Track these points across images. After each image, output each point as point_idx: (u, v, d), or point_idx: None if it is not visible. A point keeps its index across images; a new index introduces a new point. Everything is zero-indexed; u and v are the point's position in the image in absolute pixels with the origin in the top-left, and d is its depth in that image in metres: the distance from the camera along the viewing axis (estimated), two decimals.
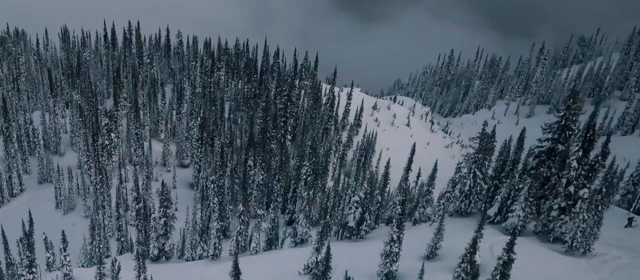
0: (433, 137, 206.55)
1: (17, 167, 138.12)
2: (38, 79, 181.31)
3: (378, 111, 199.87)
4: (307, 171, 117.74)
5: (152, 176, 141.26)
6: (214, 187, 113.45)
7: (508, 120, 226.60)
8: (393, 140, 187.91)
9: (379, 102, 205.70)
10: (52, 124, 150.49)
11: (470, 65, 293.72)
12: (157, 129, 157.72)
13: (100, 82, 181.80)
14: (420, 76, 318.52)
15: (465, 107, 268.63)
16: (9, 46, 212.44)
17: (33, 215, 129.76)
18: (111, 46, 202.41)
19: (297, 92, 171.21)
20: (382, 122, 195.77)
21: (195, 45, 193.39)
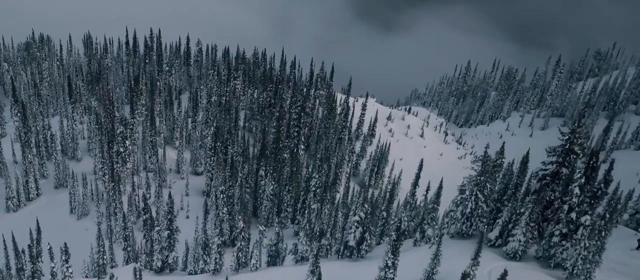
0: (446, 148, 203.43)
1: (33, 172, 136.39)
2: (59, 84, 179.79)
3: (392, 122, 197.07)
4: (317, 183, 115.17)
5: (166, 183, 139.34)
6: (224, 197, 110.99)
7: (522, 132, 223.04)
8: (406, 150, 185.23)
9: (393, 113, 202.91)
10: (69, 130, 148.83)
11: (487, 77, 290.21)
12: (172, 136, 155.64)
13: (120, 88, 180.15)
14: (437, 86, 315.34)
15: (480, 118, 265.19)
16: (34, 51, 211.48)
17: (48, 219, 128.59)
18: (132, 53, 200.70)
19: (312, 102, 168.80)
20: (396, 132, 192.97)
21: (214, 54, 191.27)
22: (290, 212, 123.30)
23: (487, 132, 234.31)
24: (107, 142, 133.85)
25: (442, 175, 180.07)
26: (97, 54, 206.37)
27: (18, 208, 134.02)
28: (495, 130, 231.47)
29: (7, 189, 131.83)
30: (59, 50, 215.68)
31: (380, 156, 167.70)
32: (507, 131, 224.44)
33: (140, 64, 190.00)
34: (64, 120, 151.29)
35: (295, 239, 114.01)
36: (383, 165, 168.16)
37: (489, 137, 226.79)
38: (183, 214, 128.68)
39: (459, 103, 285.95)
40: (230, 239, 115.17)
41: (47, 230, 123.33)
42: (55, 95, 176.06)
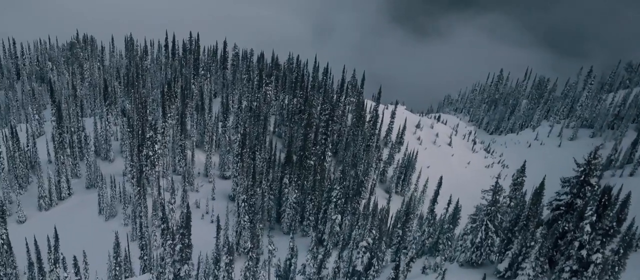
0: (474, 156, 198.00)
1: (66, 172, 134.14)
2: (99, 85, 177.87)
3: (421, 130, 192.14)
4: (338, 194, 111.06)
5: (193, 187, 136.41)
6: (245, 205, 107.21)
7: (551, 142, 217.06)
8: (434, 158, 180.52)
9: (422, 121, 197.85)
10: (103, 132, 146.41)
11: (519, 85, 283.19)
12: (203, 140, 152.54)
13: (157, 91, 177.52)
14: (469, 93, 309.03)
15: (510, 126, 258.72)
16: (77, 51, 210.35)
17: (77, 219, 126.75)
18: (171, 56, 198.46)
19: (342, 109, 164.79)
20: (425, 140, 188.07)
21: (249, 59, 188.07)
22: (312, 220, 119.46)
23: (516, 141, 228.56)
24: (136, 146, 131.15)
25: (468, 184, 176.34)
26: (137, 56, 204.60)
27: (50, 207, 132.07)
28: (524, 139, 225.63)
29: (39, 188, 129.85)
30: (101, 52, 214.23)
31: (408, 164, 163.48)
32: (536, 140, 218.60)
33: (177, 67, 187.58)
34: (98, 121, 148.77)
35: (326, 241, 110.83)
36: (410, 172, 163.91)
37: (517, 146, 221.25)
38: (208, 218, 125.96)
39: (490, 110, 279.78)
40: (252, 245, 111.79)
41: (76, 230, 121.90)
42: (93, 97, 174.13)
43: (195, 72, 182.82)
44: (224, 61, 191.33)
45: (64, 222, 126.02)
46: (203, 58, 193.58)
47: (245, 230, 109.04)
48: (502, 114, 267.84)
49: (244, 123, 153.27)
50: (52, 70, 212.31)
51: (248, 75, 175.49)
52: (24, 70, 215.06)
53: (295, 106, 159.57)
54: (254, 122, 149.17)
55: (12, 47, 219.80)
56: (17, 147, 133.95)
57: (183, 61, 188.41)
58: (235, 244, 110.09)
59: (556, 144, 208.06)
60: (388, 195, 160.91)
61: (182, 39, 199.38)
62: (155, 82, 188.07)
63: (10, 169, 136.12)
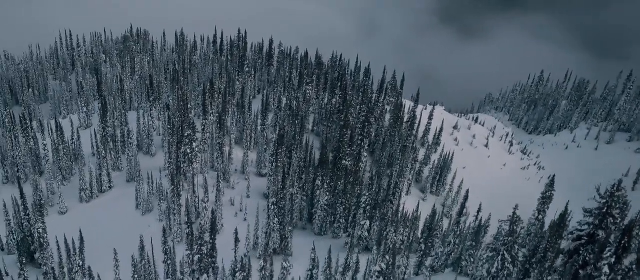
0: (510, 158, 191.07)
1: (107, 165, 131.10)
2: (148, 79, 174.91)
3: (458, 131, 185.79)
4: (367, 200, 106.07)
5: (230, 184, 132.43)
6: (275, 208, 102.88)
7: (588, 145, 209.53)
8: (470, 159, 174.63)
9: (460, 122, 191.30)
10: (145, 127, 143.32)
11: (559, 86, 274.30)
12: (242, 137, 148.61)
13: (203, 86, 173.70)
14: (510, 93, 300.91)
15: (549, 127, 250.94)
16: (130, 45, 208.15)
17: (115, 212, 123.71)
18: (219, 52, 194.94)
19: (381, 109, 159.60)
20: (461, 141, 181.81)
21: (293, 57, 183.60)
22: (343, 222, 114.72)
23: (553, 143, 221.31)
24: (175, 143, 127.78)
25: (504, 186, 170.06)
26: (187, 51, 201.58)
27: (91, 199, 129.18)
28: (561, 141, 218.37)
29: (81, 181, 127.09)
30: (152, 47, 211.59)
31: (443, 164, 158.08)
32: (573, 143, 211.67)
33: (223, 63, 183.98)
34: (142, 115, 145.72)
35: (345, 250, 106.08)
36: (446, 173, 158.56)
37: (554, 148, 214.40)
38: (241, 215, 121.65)
39: (529, 110, 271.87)
40: (281, 247, 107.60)
41: (113, 223, 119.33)
42: (140, 91, 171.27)
43: (240, 68, 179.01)
44: (269, 58, 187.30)
45: (102, 215, 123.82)
46: (250, 54, 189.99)
47: (274, 232, 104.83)
48: (541, 115, 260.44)
49: (283, 122, 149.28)
50: (105, 63, 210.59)
51: (291, 74, 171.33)
52: (79, 61, 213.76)
53: (334, 106, 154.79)
54: (292, 121, 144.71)
55: (68, 38, 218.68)
56: (62, 140, 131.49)
57: (229, 57, 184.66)
58: (265, 245, 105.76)
59: (593, 147, 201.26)
60: (423, 195, 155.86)
61: (229, 36, 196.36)
62: (202, 78, 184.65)
63: (55, 161, 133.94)
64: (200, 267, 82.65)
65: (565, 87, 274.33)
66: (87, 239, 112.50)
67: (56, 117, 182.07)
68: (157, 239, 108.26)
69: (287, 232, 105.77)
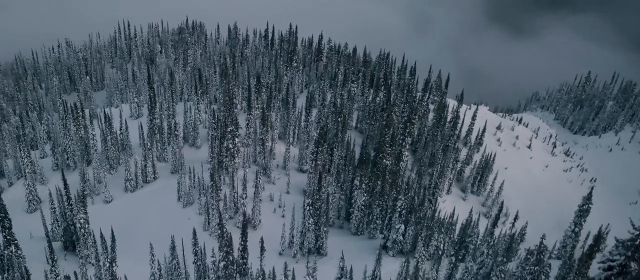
0: (553, 160, 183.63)
1: (152, 156, 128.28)
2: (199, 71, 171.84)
3: (501, 131, 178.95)
4: (402, 204, 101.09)
5: (270, 179, 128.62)
6: (310, 209, 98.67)
7: (632, 148, 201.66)
8: (512, 160, 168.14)
9: (503, 123, 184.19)
10: (192, 119, 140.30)
11: (606, 87, 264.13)
12: (286, 132, 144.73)
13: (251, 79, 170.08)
14: (556, 92, 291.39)
15: (594, 128, 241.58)
16: (185, 36, 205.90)
17: (157, 203, 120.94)
18: (270, 46, 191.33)
19: (425, 108, 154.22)
20: (504, 142, 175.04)
21: (342, 52, 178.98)
22: (379, 223, 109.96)
23: (597, 144, 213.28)
24: (218, 137, 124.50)
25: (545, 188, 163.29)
26: (239, 44, 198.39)
27: (135, 189, 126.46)
28: (606, 143, 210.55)
29: (126, 172, 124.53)
30: (205, 39, 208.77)
31: (485, 165, 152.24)
32: (617, 145, 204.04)
33: (272, 57, 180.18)
34: (190, 107, 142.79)
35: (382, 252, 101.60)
36: (487, 173, 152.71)
37: (598, 150, 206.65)
38: (280, 212, 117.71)
39: (575, 110, 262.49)
40: (315, 247, 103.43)
41: (155, 214, 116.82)
42: (190, 82, 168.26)
43: (289, 63, 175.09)
44: (318, 53, 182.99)
45: (144, 206, 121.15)
46: (299, 49, 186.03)
47: (309, 232, 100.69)
48: (587, 115, 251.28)
49: (326, 118, 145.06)
50: (160, 53, 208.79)
51: (338, 70, 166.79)
52: (136, 51, 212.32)
53: (378, 104, 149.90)
54: (335, 119, 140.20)
55: (126, 28, 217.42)
56: (110, 131, 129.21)
57: (280, 52, 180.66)
58: (299, 244, 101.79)
59: (637, 150, 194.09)
60: (463, 195, 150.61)
61: (280, 30, 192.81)
62: (252, 71, 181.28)
63: (103, 150, 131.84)
64: (226, 274, 78.66)
65: (611, 88, 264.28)
66: (128, 229, 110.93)
67: (110, 106, 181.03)
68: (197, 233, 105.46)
69: (322, 233, 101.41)
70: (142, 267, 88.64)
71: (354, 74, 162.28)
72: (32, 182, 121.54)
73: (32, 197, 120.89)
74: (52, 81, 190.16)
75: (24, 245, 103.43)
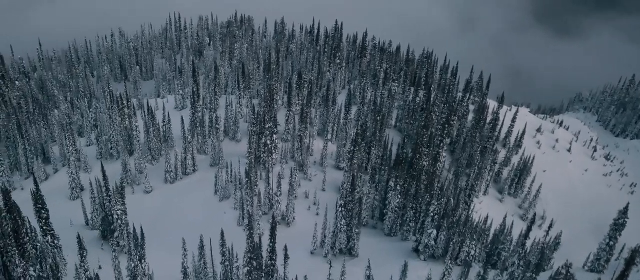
0: (593, 164, 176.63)
1: (192, 149, 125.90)
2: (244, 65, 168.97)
3: (541, 134, 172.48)
4: (435, 209, 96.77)
5: (307, 176, 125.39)
6: (343, 210, 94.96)
7: None
8: (551, 163, 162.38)
9: (543, 125, 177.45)
10: (233, 113, 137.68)
11: None
12: (325, 129, 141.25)
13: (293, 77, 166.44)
14: (600, 94, 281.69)
15: (637, 131, 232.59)
16: (233, 30, 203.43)
17: (194, 196, 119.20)
18: (315, 42, 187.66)
19: (465, 109, 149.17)
20: (544, 145, 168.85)
21: (385, 50, 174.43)
22: (412, 226, 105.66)
23: (639, 148, 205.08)
24: (257, 133, 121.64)
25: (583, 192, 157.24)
26: (285, 39, 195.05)
27: (175, 180, 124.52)
28: None
29: (166, 163, 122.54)
30: (252, 33, 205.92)
31: (523, 167, 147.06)
32: None
33: (316, 54, 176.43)
34: (232, 101, 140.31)
35: (413, 255, 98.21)
36: (525, 176, 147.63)
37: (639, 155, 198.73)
38: (314, 209, 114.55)
39: (618, 113, 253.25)
40: (347, 248, 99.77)
41: (192, 207, 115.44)
42: (234, 77, 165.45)
43: (332, 60, 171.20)
44: (362, 50, 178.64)
45: (182, 197, 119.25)
46: (344, 46, 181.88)
47: (341, 233, 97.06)
48: (630, 118, 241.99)
49: (365, 117, 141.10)
50: (209, 45, 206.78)
51: (380, 67, 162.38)
52: (185, 43, 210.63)
53: (418, 104, 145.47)
54: (374, 117, 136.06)
55: (177, 20, 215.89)
56: (152, 123, 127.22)
57: (324, 48, 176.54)
58: (331, 245, 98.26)
59: None
60: (500, 196, 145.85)
61: (326, 27, 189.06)
62: (296, 66, 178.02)
63: (146, 141, 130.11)
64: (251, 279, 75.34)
65: None
66: (165, 220, 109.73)
67: (157, 96, 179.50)
68: (230, 228, 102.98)
69: (354, 234, 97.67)
70: (175, 259, 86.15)
71: (396, 73, 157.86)
72: (75, 171, 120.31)
73: (75, 185, 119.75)
74: (104, 70, 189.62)
75: (65, 232, 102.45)
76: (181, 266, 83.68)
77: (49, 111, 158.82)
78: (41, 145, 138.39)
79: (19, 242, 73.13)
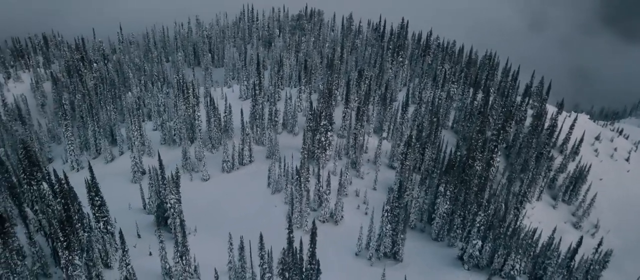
0: None
1: (249, 141, 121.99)
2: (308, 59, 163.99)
3: (600, 142, 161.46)
4: (482, 220, 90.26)
5: (359, 173, 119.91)
6: (388, 215, 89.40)
7: None
8: (608, 172, 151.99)
9: (602, 133, 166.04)
10: (292, 107, 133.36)
11: None
12: (381, 126, 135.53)
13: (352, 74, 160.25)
14: None
15: None
16: (303, 23, 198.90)
17: (247, 186, 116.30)
18: (381, 38, 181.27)
19: (522, 114, 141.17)
20: (601, 153, 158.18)
21: (448, 50, 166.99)
22: (459, 233, 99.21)
23: None
24: (312, 129, 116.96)
25: None
26: (351, 34, 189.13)
27: (231, 170, 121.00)
28: None
29: (224, 153, 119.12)
30: (319, 27, 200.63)
31: (579, 175, 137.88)
32: None
33: (379, 51, 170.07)
34: (291, 95, 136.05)
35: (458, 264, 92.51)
36: (580, 184, 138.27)
37: None
38: (363, 208, 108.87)
39: None
40: (392, 252, 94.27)
41: (245, 197, 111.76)
42: (297, 70, 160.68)
43: (395, 58, 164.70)
44: (425, 49, 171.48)
45: (236, 187, 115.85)
46: (408, 43, 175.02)
47: (386, 237, 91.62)
48: None
49: (422, 117, 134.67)
50: (278, 37, 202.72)
51: (442, 67, 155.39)
52: (256, 34, 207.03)
53: (475, 107, 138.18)
54: (430, 118, 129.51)
55: (250, 11, 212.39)
56: (214, 113, 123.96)
57: (389, 45, 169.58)
58: (376, 248, 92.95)
59: None
60: (554, 202, 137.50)
61: (391, 24, 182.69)
62: (360, 62, 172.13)
63: (207, 130, 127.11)
64: None
65: None
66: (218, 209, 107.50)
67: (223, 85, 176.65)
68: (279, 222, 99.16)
69: (398, 239, 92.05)
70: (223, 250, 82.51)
71: (456, 75, 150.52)
72: (138, 155, 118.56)
73: (136, 168, 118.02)
74: (177, 56, 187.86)
75: (122, 215, 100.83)
76: (227, 262, 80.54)
77: (122, 93, 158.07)
78: (110, 127, 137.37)
79: (65, 231, 70.38)
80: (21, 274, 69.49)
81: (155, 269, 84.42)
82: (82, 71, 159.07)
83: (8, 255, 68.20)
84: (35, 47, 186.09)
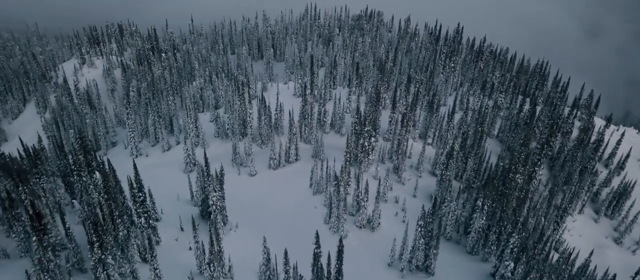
0: None
1: (296, 140, 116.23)
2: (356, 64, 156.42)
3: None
4: (515, 242, 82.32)
5: (401, 179, 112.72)
6: (421, 230, 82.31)
7: None
8: None
9: None
10: (341, 108, 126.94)
11: None
12: (426, 132, 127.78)
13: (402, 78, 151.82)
14: None
15: None
16: (362, 23, 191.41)
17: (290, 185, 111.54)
18: (435, 42, 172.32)
19: (569, 126, 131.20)
20: None
21: (499, 57, 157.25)
22: (494, 249, 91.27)
23: None
24: (356, 133, 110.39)
25: None
26: (407, 37, 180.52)
27: (277, 167, 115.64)
28: None
29: (271, 150, 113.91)
30: (377, 29, 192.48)
31: (623, 190, 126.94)
32: None
33: (432, 55, 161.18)
34: (340, 96, 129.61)
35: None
36: (624, 199, 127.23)
37: None
38: (401, 215, 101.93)
39: None
40: (424, 265, 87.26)
41: (287, 195, 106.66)
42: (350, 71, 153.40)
43: (446, 63, 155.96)
44: (478, 55, 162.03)
45: (279, 185, 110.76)
46: (462, 48, 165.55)
47: (419, 251, 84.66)
48: None
49: (467, 126, 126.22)
50: (338, 36, 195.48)
51: (492, 75, 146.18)
52: (316, 31, 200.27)
53: (522, 118, 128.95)
54: (476, 127, 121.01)
55: (313, 9, 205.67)
56: (264, 111, 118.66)
57: (442, 49, 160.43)
58: (408, 260, 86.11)
59: None
60: (596, 216, 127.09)
61: (447, 28, 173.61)
62: (413, 64, 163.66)
63: (258, 127, 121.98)
64: None
65: None
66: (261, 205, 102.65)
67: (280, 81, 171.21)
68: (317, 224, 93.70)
69: (431, 253, 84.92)
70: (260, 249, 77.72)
71: (504, 84, 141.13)
72: (191, 147, 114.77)
73: (189, 160, 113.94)
74: (242, 49, 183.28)
75: (170, 205, 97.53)
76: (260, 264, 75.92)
77: (187, 83, 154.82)
78: (170, 117, 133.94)
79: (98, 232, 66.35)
80: (52, 272, 65.80)
81: (191, 265, 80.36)
82: (151, 60, 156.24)
83: (42, 253, 64.68)
84: (110, 36, 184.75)
